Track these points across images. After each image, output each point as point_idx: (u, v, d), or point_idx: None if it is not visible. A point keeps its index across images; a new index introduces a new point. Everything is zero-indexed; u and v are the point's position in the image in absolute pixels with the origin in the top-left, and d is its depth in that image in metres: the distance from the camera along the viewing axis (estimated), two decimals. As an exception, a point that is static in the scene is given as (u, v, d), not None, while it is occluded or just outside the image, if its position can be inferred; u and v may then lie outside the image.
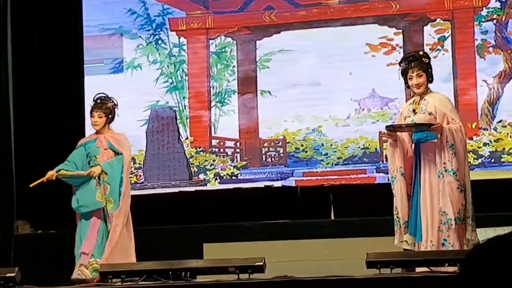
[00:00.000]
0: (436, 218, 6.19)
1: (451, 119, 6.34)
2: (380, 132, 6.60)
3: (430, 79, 6.48)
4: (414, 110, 6.47)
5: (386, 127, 6.54)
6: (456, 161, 6.19)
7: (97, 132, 7.48)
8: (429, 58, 6.60)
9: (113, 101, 7.54)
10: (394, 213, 6.39)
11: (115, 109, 7.53)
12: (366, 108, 8.83)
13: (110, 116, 7.49)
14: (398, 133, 6.42)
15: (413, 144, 6.45)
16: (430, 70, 6.49)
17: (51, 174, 7.38)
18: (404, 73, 6.54)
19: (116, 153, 7.36)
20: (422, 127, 6.32)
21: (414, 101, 6.53)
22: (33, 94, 9.33)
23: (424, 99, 6.43)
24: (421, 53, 6.69)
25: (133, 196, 9.01)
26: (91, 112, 7.47)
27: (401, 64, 6.59)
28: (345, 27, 8.92)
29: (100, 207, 7.14)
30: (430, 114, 6.34)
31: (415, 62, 6.48)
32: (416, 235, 6.29)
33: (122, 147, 7.42)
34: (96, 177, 7.25)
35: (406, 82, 6.57)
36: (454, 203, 6.15)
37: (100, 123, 7.45)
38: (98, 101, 7.50)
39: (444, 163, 6.19)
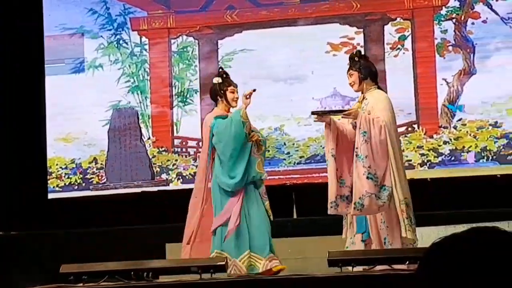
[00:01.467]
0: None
1: (377, 116, 6.35)
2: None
3: (362, 76, 6.49)
4: (356, 109, 6.51)
5: (312, 112, 6.64)
6: (366, 148, 6.20)
7: (227, 110, 6.87)
8: (362, 57, 6.66)
9: None
10: None
11: None
12: (328, 107, 8.87)
13: None
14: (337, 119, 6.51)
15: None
16: (361, 68, 6.51)
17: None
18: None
19: None
20: (339, 113, 6.49)
21: (359, 99, 6.62)
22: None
23: (366, 98, 6.48)
24: (354, 52, 6.77)
25: (95, 197, 8.99)
26: (227, 87, 6.79)
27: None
28: (306, 27, 8.95)
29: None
30: (369, 113, 6.37)
31: (349, 62, 6.60)
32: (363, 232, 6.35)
33: None
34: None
35: None
36: (357, 188, 6.17)
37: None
38: (226, 74, 6.93)
39: (356, 148, 6.24)
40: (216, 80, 6.83)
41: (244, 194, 6.56)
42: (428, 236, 7.35)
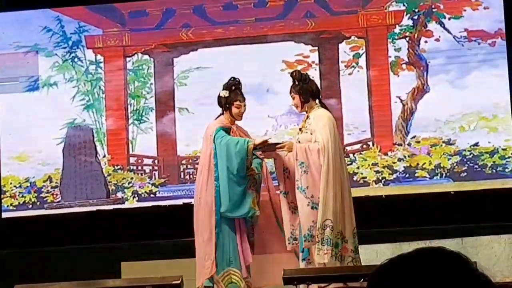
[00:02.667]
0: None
1: (316, 138, 6.27)
2: None
3: (303, 99, 6.40)
4: (300, 129, 6.50)
5: (253, 148, 6.37)
6: (306, 178, 6.16)
7: (232, 122, 6.62)
8: (302, 78, 6.50)
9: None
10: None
11: None
12: (283, 124, 8.91)
13: None
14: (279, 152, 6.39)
15: None
16: (301, 91, 6.42)
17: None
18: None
19: None
20: (273, 145, 6.35)
21: (304, 119, 6.55)
22: None
23: (309, 118, 6.42)
24: (294, 74, 6.60)
25: (49, 216, 8.91)
26: (232, 102, 6.56)
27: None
28: (261, 45, 8.99)
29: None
30: (311, 133, 6.32)
31: (292, 84, 6.50)
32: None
33: None
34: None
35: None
36: (303, 220, 6.15)
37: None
38: (236, 85, 6.64)
39: (297, 180, 6.20)
40: (223, 93, 6.63)
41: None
42: (382, 253, 7.40)
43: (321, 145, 6.19)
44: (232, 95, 6.56)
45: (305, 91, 6.42)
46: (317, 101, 6.48)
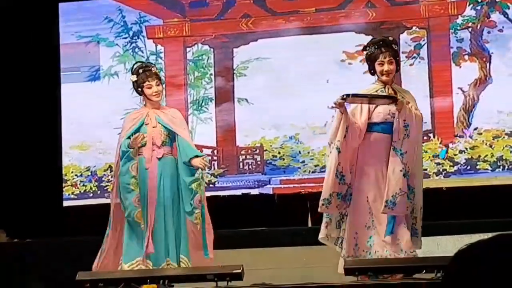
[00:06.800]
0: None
1: (414, 108, 5.99)
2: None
3: (398, 68, 6.08)
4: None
5: (344, 95, 5.85)
6: (407, 143, 5.81)
7: (147, 106, 6.59)
8: (397, 46, 6.18)
9: (155, 65, 6.76)
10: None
11: None
12: (343, 115, 8.85)
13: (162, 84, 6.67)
14: (352, 111, 5.96)
15: (370, 134, 6.00)
16: (398, 58, 6.13)
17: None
18: (372, 58, 6.03)
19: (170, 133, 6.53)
20: (386, 98, 5.89)
21: (378, 90, 6.01)
22: (10, 101, 9.28)
23: (390, 89, 6.00)
24: (391, 38, 6.17)
25: (110, 205, 9.00)
26: (140, 84, 6.53)
27: (369, 48, 6.08)
28: (322, 35, 8.95)
29: None
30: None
31: (386, 48, 6.00)
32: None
33: (179, 127, 6.61)
34: None
35: (371, 69, 6.06)
36: (391, 185, 5.80)
37: (161, 93, 6.62)
38: (143, 68, 6.56)
39: (395, 141, 5.83)
40: (131, 79, 6.59)
41: None
42: (444, 245, 7.33)
43: (422, 118, 5.93)
44: (140, 78, 6.51)
45: (398, 61, 6.11)
46: None
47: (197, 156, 6.45)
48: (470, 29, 8.70)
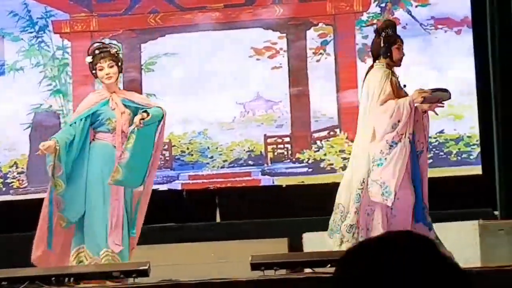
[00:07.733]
0: None
1: None
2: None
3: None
4: (405, 85, 6.12)
5: (433, 89, 6.06)
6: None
7: (107, 89, 6.30)
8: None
9: (115, 47, 6.57)
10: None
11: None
12: (251, 111, 8.92)
13: (120, 66, 6.34)
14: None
15: None
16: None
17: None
18: (392, 41, 6.11)
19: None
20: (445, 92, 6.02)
21: (389, 73, 6.09)
22: None
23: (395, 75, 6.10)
24: (396, 24, 6.34)
25: (15, 201, 8.87)
26: (94, 65, 6.26)
27: (387, 30, 6.15)
28: (230, 31, 8.98)
29: None
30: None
31: (396, 35, 6.14)
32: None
33: (149, 103, 6.43)
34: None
35: (387, 51, 6.13)
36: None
37: (114, 76, 6.24)
38: (100, 49, 6.30)
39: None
40: (87, 60, 6.34)
41: None
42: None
43: None
44: (95, 60, 6.25)
45: None
46: None
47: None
48: (375, 26, 8.82)
